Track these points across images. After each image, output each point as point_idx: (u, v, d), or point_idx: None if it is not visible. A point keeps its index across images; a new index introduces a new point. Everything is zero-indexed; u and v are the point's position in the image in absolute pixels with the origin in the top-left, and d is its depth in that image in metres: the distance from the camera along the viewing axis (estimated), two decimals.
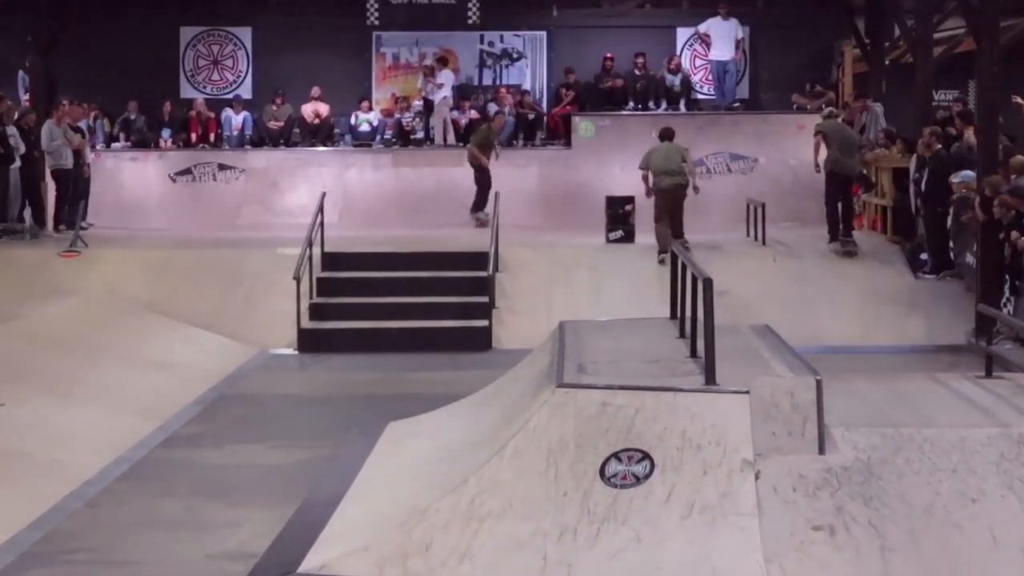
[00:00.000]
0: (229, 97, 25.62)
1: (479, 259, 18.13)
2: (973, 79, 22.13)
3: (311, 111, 25.02)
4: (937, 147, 18.23)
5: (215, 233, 22.08)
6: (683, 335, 10.45)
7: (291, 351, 17.04)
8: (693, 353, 9.55)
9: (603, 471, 7.93)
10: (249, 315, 17.70)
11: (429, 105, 24.80)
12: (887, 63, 24.42)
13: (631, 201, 20.18)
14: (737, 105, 25.10)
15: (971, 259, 16.91)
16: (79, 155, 21.67)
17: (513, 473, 8.08)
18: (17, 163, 20.57)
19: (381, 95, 25.86)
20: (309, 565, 7.95)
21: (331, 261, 18.74)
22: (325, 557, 8.00)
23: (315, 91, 25.01)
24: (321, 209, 19.08)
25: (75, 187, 21.54)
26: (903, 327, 17.37)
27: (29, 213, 21.30)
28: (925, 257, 18.57)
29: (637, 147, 22.55)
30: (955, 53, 21.92)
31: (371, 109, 25.36)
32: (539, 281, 18.45)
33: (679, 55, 25.66)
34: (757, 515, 7.63)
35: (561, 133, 24.77)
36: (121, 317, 16.87)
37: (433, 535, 7.82)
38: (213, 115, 25.09)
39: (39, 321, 15.34)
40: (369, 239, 20.51)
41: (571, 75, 25.25)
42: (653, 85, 25.07)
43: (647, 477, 7.87)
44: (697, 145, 23.75)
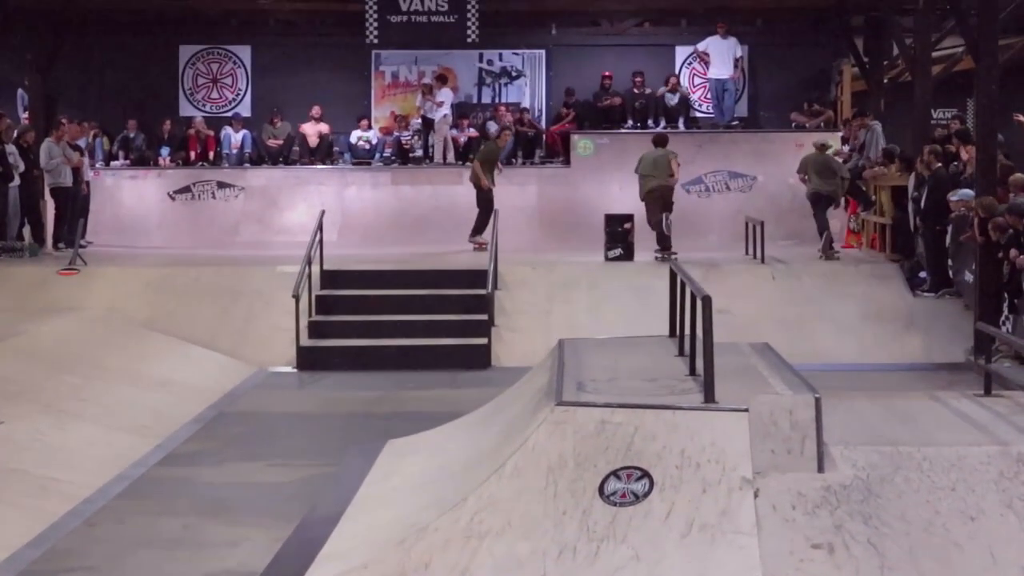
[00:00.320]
0: (228, 115, 25.65)
1: (478, 277, 18.13)
2: (972, 97, 22.18)
3: (311, 131, 25.05)
4: (936, 166, 18.26)
5: (214, 251, 22.10)
6: (682, 353, 10.45)
7: (290, 369, 17.02)
8: (692, 371, 9.54)
9: (602, 489, 7.92)
10: (248, 333, 17.69)
11: (428, 123, 24.83)
12: (886, 82, 24.45)
13: (630, 219, 20.20)
14: (736, 123, 25.13)
15: (970, 277, 16.91)
16: (78, 173, 21.69)
17: (512, 491, 8.07)
18: (16, 181, 20.59)
19: (380, 113, 25.90)
20: None
21: (330, 279, 18.73)
22: (324, 575, 7.99)
23: (315, 111, 25.05)
24: (320, 227, 19.07)
25: (74, 205, 21.56)
26: (902, 345, 17.36)
27: (28, 231, 21.33)
28: (924, 275, 18.58)
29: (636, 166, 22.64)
30: (954, 71, 21.96)
31: (370, 127, 25.39)
32: (538, 299, 18.45)
33: (678, 73, 25.70)
34: (756, 533, 7.63)
35: (560, 151, 24.80)
36: (120, 335, 16.86)
37: (432, 553, 7.82)
38: (212, 133, 25.12)
39: (38, 339, 15.33)
40: (368, 257, 20.52)
41: (571, 96, 25.29)
42: (652, 103, 25.11)
43: (646, 495, 7.86)
44: (696, 163, 23.85)
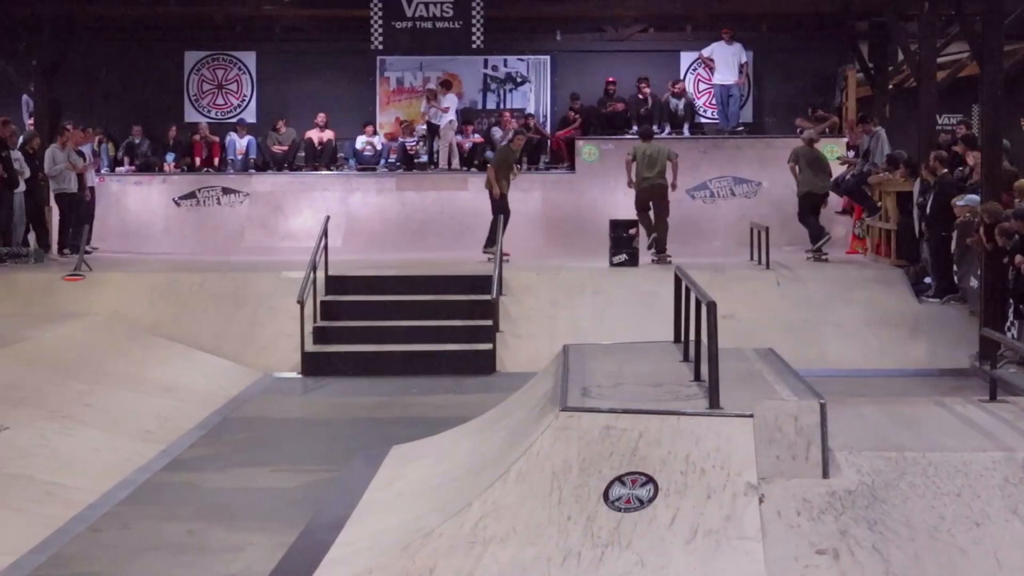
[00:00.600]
0: (233, 121, 25.69)
1: (483, 283, 18.12)
2: (976, 103, 22.14)
3: (316, 138, 25.06)
4: (942, 171, 18.25)
5: (219, 257, 22.13)
6: (687, 359, 10.45)
7: (295, 374, 17.02)
8: (697, 377, 9.54)
9: (607, 495, 7.92)
10: (253, 338, 17.71)
11: (433, 129, 24.85)
12: (891, 87, 24.49)
13: (635, 225, 20.23)
14: (741, 129, 25.13)
15: (975, 283, 16.89)
16: (82, 179, 21.71)
17: (517, 497, 8.07)
18: (22, 187, 20.63)
19: (385, 119, 25.93)
20: None
21: (335, 285, 18.75)
22: None
23: (320, 118, 25.07)
24: (325, 233, 19.06)
25: (78, 211, 21.59)
26: (907, 351, 17.34)
27: (33, 237, 21.36)
28: (929, 281, 18.57)
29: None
30: (959, 77, 21.95)
31: (375, 133, 25.41)
32: (543, 305, 18.44)
33: (683, 79, 25.72)
34: (761, 539, 7.62)
35: (565, 157, 24.82)
36: (125, 341, 16.87)
37: (437, 559, 7.81)
38: (217, 139, 25.14)
39: (43, 344, 15.34)
40: (373, 263, 20.53)
41: (577, 101, 25.29)
42: (657, 109, 25.12)
43: (651, 501, 7.86)
44: (701, 169, 23.89)
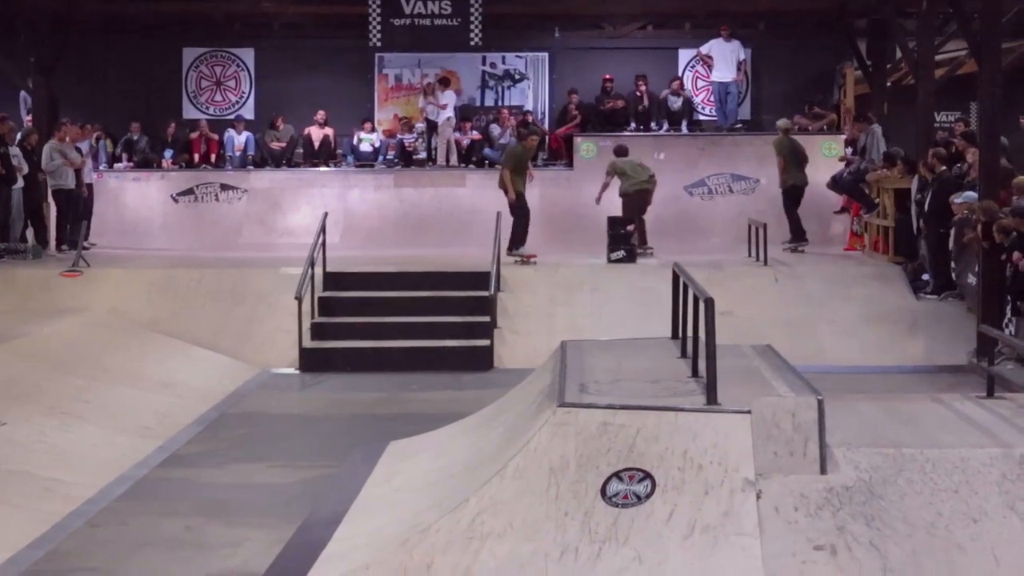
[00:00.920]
0: (231, 118, 25.67)
1: (481, 279, 18.13)
2: (974, 101, 22.16)
3: (315, 135, 25.05)
4: (940, 168, 18.27)
5: (217, 253, 22.12)
6: (685, 355, 10.45)
7: (293, 371, 17.03)
8: (695, 373, 9.54)
9: (604, 490, 7.92)
10: (251, 335, 17.71)
11: (432, 125, 24.85)
12: (889, 85, 24.48)
13: (632, 221, 20.25)
14: (739, 126, 25.13)
15: (973, 280, 16.90)
16: (80, 176, 21.69)
17: (514, 493, 8.07)
18: (20, 183, 20.62)
19: (384, 116, 25.92)
20: None
21: (333, 281, 18.75)
22: None
23: (319, 115, 25.05)
24: (323, 229, 19.09)
25: (76, 207, 21.57)
26: (905, 347, 17.36)
27: (31, 233, 21.35)
28: (927, 278, 18.58)
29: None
30: (957, 75, 21.95)
31: (373, 130, 25.40)
32: (541, 301, 18.45)
33: (681, 76, 25.71)
34: (759, 535, 7.63)
35: (563, 154, 24.82)
36: (123, 337, 16.86)
37: (434, 555, 7.82)
38: (216, 136, 25.14)
39: (41, 340, 15.34)
40: (371, 259, 20.53)
41: (573, 95, 25.27)
42: (655, 106, 25.12)
43: (648, 497, 7.86)
44: (699, 166, 23.93)
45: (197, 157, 25.02)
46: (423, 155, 25.03)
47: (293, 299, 16.92)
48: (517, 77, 26.17)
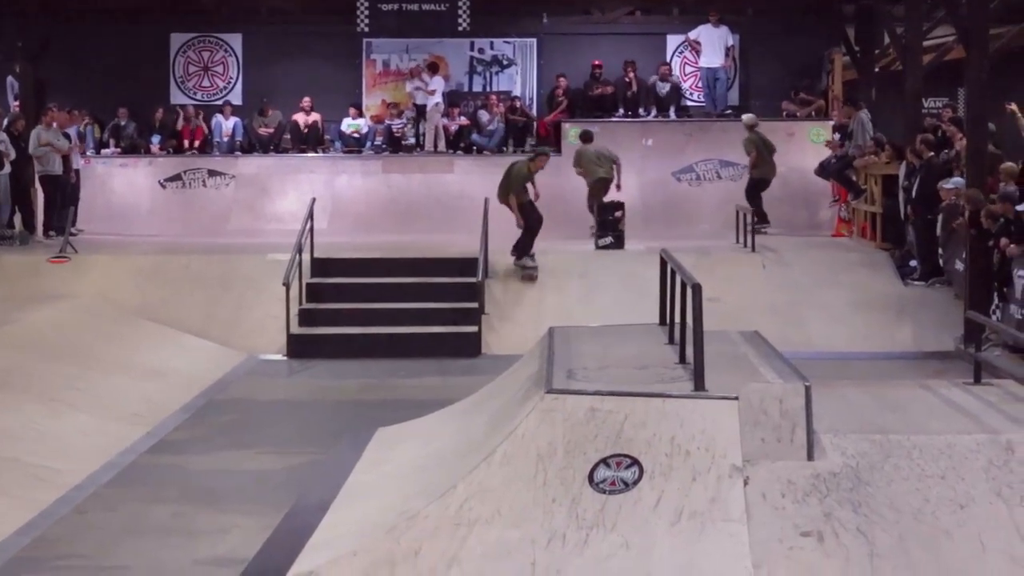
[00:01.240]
0: (219, 104, 25.60)
1: (469, 265, 18.12)
2: (962, 86, 22.17)
3: (302, 121, 24.99)
4: (928, 154, 18.28)
5: (205, 239, 22.08)
6: (672, 341, 10.44)
7: (280, 357, 17.02)
8: (682, 359, 9.53)
9: (592, 477, 7.93)
10: (239, 321, 17.69)
11: (421, 111, 24.81)
12: (877, 70, 24.48)
13: (621, 208, 20.26)
14: (728, 112, 25.10)
15: (960, 266, 16.93)
16: (67, 161, 21.64)
17: (502, 479, 8.07)
18: (7, 169, 20.56)
19: (371, 101, 25.85)
20: (297, 571, 7.93)
21: (321, 267, 18.73)
22: (313, 563, 7.99)
23: (305, 102, 24.99)
24: (311, 215, 19.06)
25: (63, 193, 21.52)
26: (892, 334, 17.38)
27: (19, 219, 21.29)
28: (914, 264, 18.61)
29: (627, 154, 22.62)
30: (944, 60, 21.97)
31: (361, 116, 25.35)
32: (529, 287, 18.46)
33: (669, 62, 25.67)
34: (746, 521, 7.64)
35: (551, 140, 24.78)
36: (111, 323, 16.84)
37: (422, 541, 7.82)
38: (203, 123, 25.07)
39: (28, 327, 15.31)
40: (359, 245, 20.50)
41: (561, 79, 25.19)
42: (643, 92, 25.09)
43: (636, 483, 7.87)
44: (687, 152, 23.91)
45: (185, 143, 24.94)
46: (411, 141, 24.99)
47: (281, 285, 16.90)
48: (505, 63, 26.11)
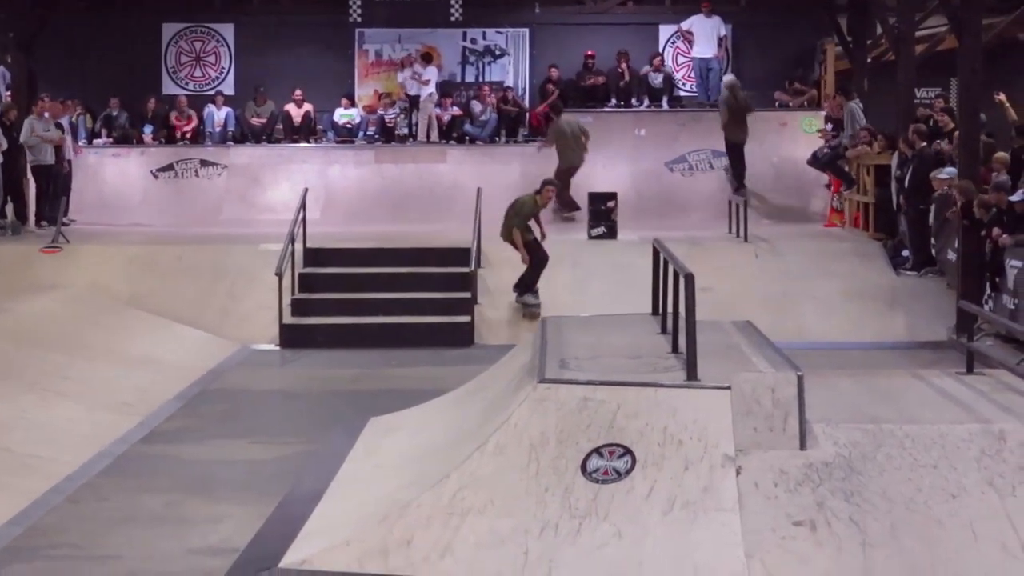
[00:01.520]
0: (211, 93, 25.58)
1: (462, 255, 18.10)
2: (955, 76, 22.17)
3: (294, 113, 24.96)
4: (921, 144, 18.29)
5: (197, 229, 22.04)
6: (665, 331, 10.44)
7: (273, 347, 17.01)
8: (675, 349, 9.54)
9: (584, 466, 7.93)
10: (231, 311, 17.69)
11: (414, 101, 24.78)
12: (869, 61, 24.48)
13: (613, 197, 20.26)
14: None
15: (953, 256, 16.95)
16: (59, 151, 21.61)
17: (494, 468, 8.07)
18: None
19: (364, 92, 25.83)
20: (290, 560, 7.93)
21: (313, 257, 18.73)
22: (306, 552, 7.99)
23: (297, 93, 24.95)
24: (303, 205, 19.04)
25: (55, 183, 21.49)
26: (884, 323, 17.40)
27: (11, 209, 21.27)
28: (907, 254, 18.62)
29: (619, 144, 22.63)
30: (937, 51, 21.96)
31: (353, 106, 25.32)
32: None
33: (662, 52, 25.67)
34: (738, 510, 7.64)
35: (544, 130, 24.76)
36: (103, 313, 16.83)
37: (414, 530, 7.82)
38: (194, 113, 25.03)
39: (20, 317, 15.30)
40: (351, 235, 20.48)
41: (553, 69, 25.16)
42: (636, 82, 25.08)
43: (628, 472, 7.87)
44: (680, 142, 23.92)
45: (178, 133, 24.90)
46: (404, 131, 24.97)
47: (273, 275, 16.90)
48: (498, 53, 26.09)
